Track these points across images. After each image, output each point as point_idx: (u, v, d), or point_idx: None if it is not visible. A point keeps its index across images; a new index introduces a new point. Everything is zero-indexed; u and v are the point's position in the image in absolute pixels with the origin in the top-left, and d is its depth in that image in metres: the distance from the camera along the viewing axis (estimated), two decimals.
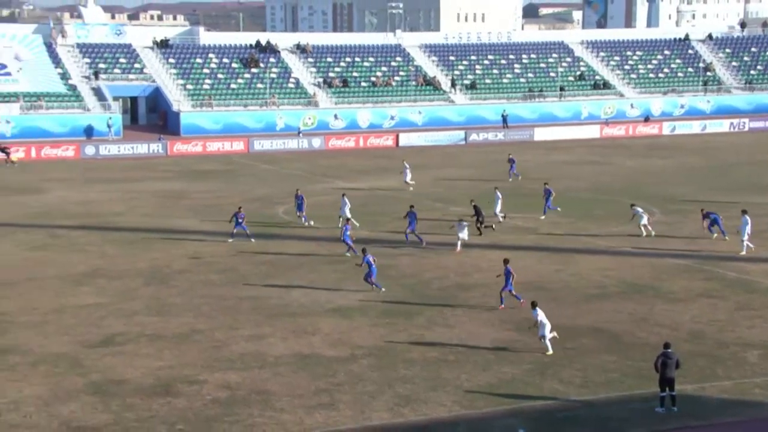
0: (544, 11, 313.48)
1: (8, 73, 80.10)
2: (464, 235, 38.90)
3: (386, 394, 23.10)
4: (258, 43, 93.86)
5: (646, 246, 39.71)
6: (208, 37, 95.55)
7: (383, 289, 32.19)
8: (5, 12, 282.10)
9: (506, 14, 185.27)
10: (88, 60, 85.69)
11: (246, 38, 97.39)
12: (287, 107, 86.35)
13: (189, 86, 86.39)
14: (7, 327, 28.30)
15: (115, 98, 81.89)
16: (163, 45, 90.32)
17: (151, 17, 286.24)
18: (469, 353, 26.17)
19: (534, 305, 26.36)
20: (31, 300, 31.37)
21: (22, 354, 25.86)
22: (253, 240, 40.09)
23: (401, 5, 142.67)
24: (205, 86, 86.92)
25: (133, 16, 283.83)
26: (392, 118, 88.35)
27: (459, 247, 38.74)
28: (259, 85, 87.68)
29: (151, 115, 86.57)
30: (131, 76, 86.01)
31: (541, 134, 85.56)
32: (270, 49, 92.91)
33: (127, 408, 22.12)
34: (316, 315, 29.90)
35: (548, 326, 25.98)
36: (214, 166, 67.03)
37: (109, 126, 77.49)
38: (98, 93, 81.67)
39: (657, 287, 33.14)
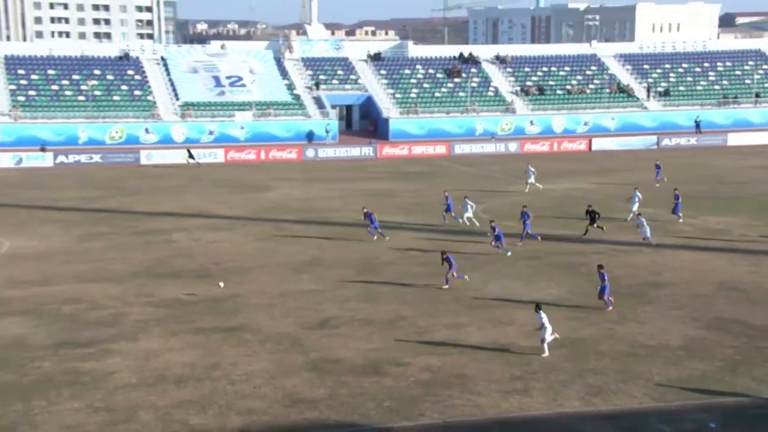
0: (740, 20, 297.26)
1: (243, 85, 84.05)
2: (647, 232, 37.98)
3: (577, 384, 22.63)
4: (461, 54, 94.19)
5: None
6: (415, 50, 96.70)
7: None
8: (243, 31, 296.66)
9: (702, 24, 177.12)
10: (310, 72, 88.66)
11: (450, 51, 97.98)
12: (486, 114, 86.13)
13: (398, 95, 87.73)
14: (241, 308, 29.64)
15: (333, 106, 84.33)
16: (375, 58, 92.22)
17: (366, 33, 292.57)
18: (660, 348, 25.22)
19: (538, 308, 25.18)
20: (261, 284, 32.71)
21: (252, 332, 26.98)
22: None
23: (598, 17, 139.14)
24: (412, 95, 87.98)
25: (350, 32, 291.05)
26: (585, 123, 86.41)
27: (653, 241, 37.90)
28: (461, 94, 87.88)
29: (363, 122, 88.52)
30: (347, 87, 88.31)
31: (735, 139, 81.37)
32: (472, 61, 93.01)
33: (341, 384, 22.70)
34: (511, 307, 29.68)
35: (549, 329, 24.76)
36: (419, 168, 67.75)
37: (327, 131, 79.89)
38: (318, 102, 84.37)
39: None
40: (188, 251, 38.44)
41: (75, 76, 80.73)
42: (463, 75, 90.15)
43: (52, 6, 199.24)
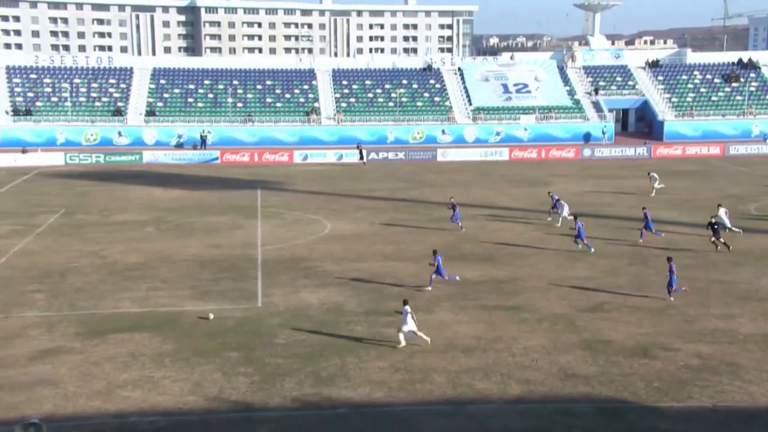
0: None
1: (529, 91, 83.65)
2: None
3: None
4: (740, 60, 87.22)
5: None
6: (693, 57, 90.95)
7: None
8: (530, 43, 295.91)
9: None
10: (590, 79, 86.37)
11: (728, 57, 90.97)
12: (764, 116, 79.18)
13: (674, 99, 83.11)
14: (520, 289, 29.56)
15: (610, 110, 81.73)
16: (653, 65, 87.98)
17: (645, 42, 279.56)
18: None
19: (405, 302, 23.16)
20: (538, 269, 32.40)
21: (530, 311, 26.81)
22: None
23: None
24: (688, 99, 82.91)
25: (630, 42, 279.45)
26: None
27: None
28: (738, 98, 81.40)
29: (638, 124, 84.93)
30: (624, 92, 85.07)
31: None
32: (751, 66, 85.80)
33: (612, 364, 21.94)
34: None
35: (409, 325, 22.61)
36: (691, 167, 63.73)
37: (603, 133, 77.49)
38: (596, 106, 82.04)
39: None
40: (475, 237, 38.86)
41: (387, 86, 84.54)
42: (741, 79, 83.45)
43: (371, 27, 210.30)
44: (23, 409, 19.25)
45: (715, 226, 34.99)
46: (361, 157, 68.19)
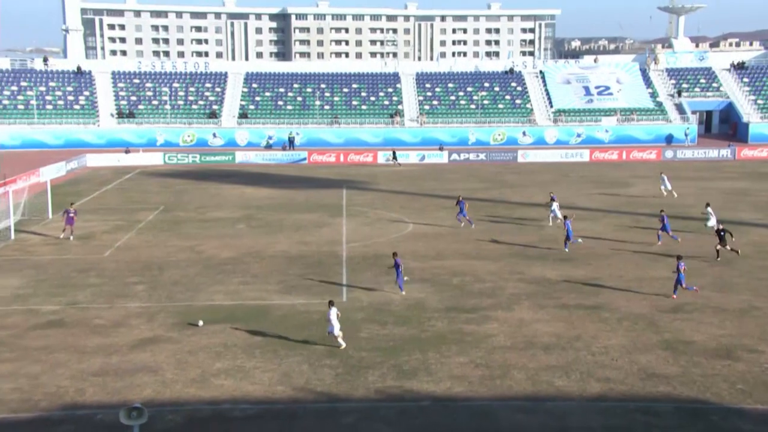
0: None
1: (610, 93, 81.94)
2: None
3: None
4: None
5: None
6: None
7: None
8: (612, 46, 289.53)
9: None
10: (673, 81, 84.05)
11: None
12: None
13: (759, 101, 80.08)
14: (600, 289, 28.97)
15: (693, 112, 79.37)
16: (739, 67, 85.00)
17: (730, 44, 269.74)
18: None
19: (330, 304, 22.37)
20: (618, 269, 31.71)
21: (610, 311, 26.25)
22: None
23: None
24: None
25: (714, 44, 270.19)
26: None
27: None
28: None
29: (722, 126, 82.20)
30: (708, 94, 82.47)
31: None
32: None
33: (693, 364, 21.29)
34: None
35: (337, 326, 21.94)
36: None
37: (686, 134, 75.36)
38: (679, 108, 79.77)
39: None
40: (554, 237, 38.24)
41: (469, 88, 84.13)
42: None
43: (454, 31, 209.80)
44: (126, 394, 19.96)
45: (722, 233, 33.25)
46: (394, 158, 68.61)
